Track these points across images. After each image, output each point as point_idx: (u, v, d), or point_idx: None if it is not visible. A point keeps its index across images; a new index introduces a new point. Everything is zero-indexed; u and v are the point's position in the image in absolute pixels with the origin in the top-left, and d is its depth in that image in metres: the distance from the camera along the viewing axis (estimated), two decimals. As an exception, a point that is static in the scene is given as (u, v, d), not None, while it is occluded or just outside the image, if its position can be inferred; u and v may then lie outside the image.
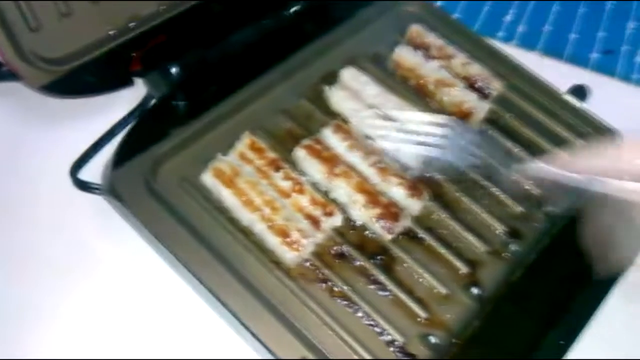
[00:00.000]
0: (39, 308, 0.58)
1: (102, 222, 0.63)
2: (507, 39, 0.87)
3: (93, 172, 0.64)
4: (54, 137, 0.69)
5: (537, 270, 0.59)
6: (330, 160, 0.60)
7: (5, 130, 0.70)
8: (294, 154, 0.61)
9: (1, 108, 0.71)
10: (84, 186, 0.64)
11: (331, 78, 0.68)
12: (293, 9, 0.73)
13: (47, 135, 0.69)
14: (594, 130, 0.69)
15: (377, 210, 0.58)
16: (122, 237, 0.61)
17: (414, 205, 0.59)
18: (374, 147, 0.61)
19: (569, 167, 0.49)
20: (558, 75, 0.76)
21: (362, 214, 0.58)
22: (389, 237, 0.58)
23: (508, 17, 0.91)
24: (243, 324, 0.52)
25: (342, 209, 0.59)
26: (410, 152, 0.60)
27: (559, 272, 0.59)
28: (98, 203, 0.63)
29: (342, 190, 0.59)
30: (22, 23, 0.56)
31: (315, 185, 0.60)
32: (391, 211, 0.58)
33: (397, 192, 0.59)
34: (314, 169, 0.60)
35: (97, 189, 0.63)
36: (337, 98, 0.64)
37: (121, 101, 0.70)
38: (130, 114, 0.69)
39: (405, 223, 0.59)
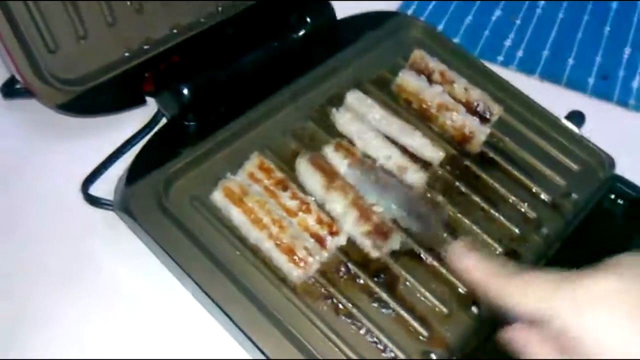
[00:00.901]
0: (49, 321, 0.59)
1: (111, 236, 0.65)
2: (506, 64, 0.90)
3: (100, 187, 0.66)
4: (63, 152, 0.71)
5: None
6: (330, 173, 0.62)
7: (16, 146, 0.72)
8: (296, 166, 0.63)
9: (13, 124, 0.73)
10: (94, 201, 0.66)
11: (336, 100, 0.71)
12: (300, 33, 0.75)
13: (56, 151, 0.71)
14: (588, 156, 0.71)
15: (367, 227, 0.59)
16: (130, 252, 0.63)
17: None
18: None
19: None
20: (556, 99, 0.79)
21: (354, 228, 0.60)
22: (377, 254, 0.59)
23: (507, 42, 0.93)
24: (249, 339, 0.53)
25: (337, 222, 0.60)
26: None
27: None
28: (107, 218, 0.65)
29: (337, 203, 0.61)
30: (41, 44, 0.59)
31: (312, 197, 0.62)
32: (381, 229, 0.59)
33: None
34: (314, 180, 0.62)
35: (107, 204, 0.65)
36: (343, 120, 0.66)
37: (129, 118, 0.72)
38: (140, 132, 0.71)
39: (395, 243, 0.60)
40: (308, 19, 0.74)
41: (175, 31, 0.68)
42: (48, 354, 0.57)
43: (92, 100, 0.65)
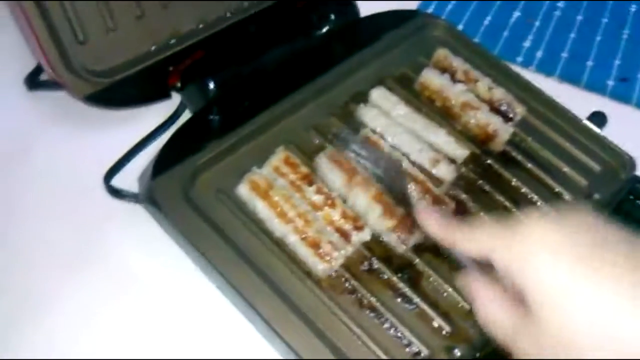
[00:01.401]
0: (68, 315, 0.59)
1: (132, 228, 0.65)
2: (526, 64, 0.90)
3: (120, 180, 0.66)
4: (84, 145, 0.71)
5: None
6: (350, 169, 0.62)
7: (38, 137, 0.72)
8: (316, 161, 0.63)
9: (36, 115, 0.74)
10: (117, 193, 0.66)
11: (359, 97, 0.71)
12: (323, 30, 0.75)
13: (78, 143, 0.72)
14: (610, 157, 0.71)
15: (392, 222, 0.59)
16: (151, 245, 0.63)
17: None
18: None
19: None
20: (576, 101, 0.79)
21: (379, 223, 0.60)
22: (403, 247, 0.60)
23: (526, 43, 0.93)
24: (275, 331, 0.53)
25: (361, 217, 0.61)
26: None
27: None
28: (129, 210, 0.65)
29: (360, 199, 0.61)
30: (71, 36, 0.59)
31: (334, 193, 0.62)
32: (406, 223, 0.60)
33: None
34: (334, 176, 0.62)
35: (130, 196, 0.65)
36: (370, 116, 0.66)
37: (149, 112, 0.73)
38: (162, 126, 0.72)
39: (419, 236, 0.60)
40: (332, 16, 0.75)
41: (201, 26, 0.69)
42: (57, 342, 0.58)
43: (118, 92, 0.65)
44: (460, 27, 0.93)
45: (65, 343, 0.58)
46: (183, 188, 0.60)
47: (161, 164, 0.62)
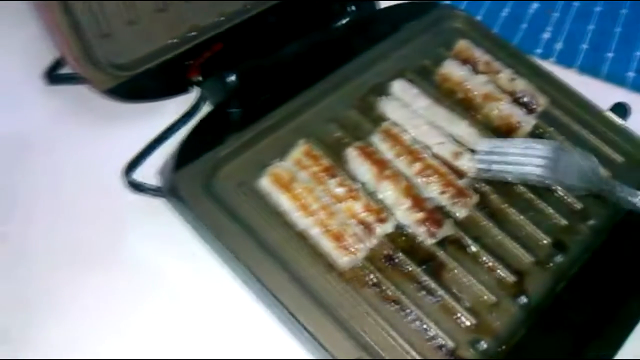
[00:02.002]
0: (90, 305, 0.59)
1: (152, 222, 0.65)
2: (545, 56, 0.89)
3: (138, 173, 0.66)
4: (103, 139, 0.71)
5: (581, 282, 0.61)
6: (380, 162, 0.62)
7: (57, 131, 0.72)
8: (345, 154, 0.63)
9: (55, 109, 0.74)
10: (137, 187, 0.66)
11: (379, 89, 0.71)
12: (342, 22, 0.75)
13: (96, 137, 0.72)
14: (634, 148, 0.70)
15: (421, 215, 0.59)
16: (172, 238, 0.63)
17: (459, 211, 0.61)
18: (422, 154, 0.63)
19: None
20: (596, 93, 0.78)
21: (407, 216, 0.60)
22: (432, 241, 0.60)
23: (546, 35, 0.93)
24: (299, 323, 0.53)
25: (389, 210, 0.61)
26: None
27: (602, 284, 0.61)
28: (149, 204, 0.65)
29: (389, 192, 0.61)
30: (95, 29, 0.59)
31: (364, 186, 0.62)
32: (435, 217, 0.60)
33: (442, 198, 0.61)
34: (364, 169, 0.62)
35: (150, 190, 0.66)
36: (391, 108, 0.66)
37: (166, 106, 0.72)
38: (181, 120, 0.71)
39: (448, 229, 0.60)
40: (351, 8, 0.74)
41: (221, 19, 0.68)
42: (77, 339, 0.58)
43: (139, 86, 0.65)
44: (478, 18, 0.93)
45: (88, 342, 0.57)
46: (205, 181, 0.60)
47: (183, 157, 0.62)
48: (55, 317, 0.58)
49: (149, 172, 0.67)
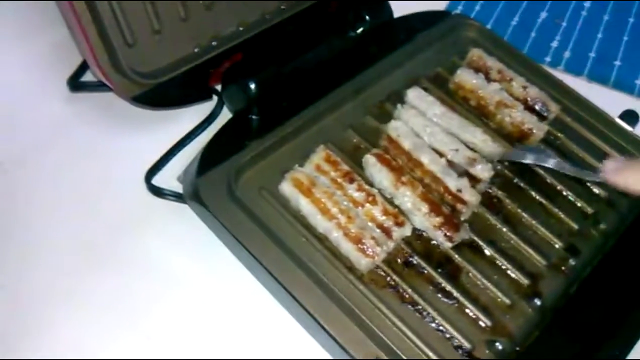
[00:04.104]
0: (111, 307, 0.61)
1: (172, 226, 0.67)
2: (554, 65, 0.91)
3: (157, 179, 0.68)
4: (124, 145, 0.73)
5: (593, 284, 0.62)
6: (398, 169, 0.64)
7: (79, 138, 0.74)
8: (364, 161, 0.65)
9: (77, 116, 0.75)
10: (158, 192, 0.68)
11: (395, 97, 0.72)
12: (358, 31, 0.77)
13: (118, 143, 0.73)
14: (644, 154, 0.72)
15: (439, 219, 0.61)
16: (193, 242, 0.65)
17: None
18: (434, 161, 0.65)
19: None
20: (605, 100, 0.79)
21: (425, 221, 0.62)
22: (449, 245, 0.61)
23: (554, 44, 0.94)
24: (319, 324, 0.55)
25: (406, 215, 0.62)
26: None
27: (614, 287, 0.62)
28: (170, 208, 0.67)
29: (407, 198, 0.62)
30: (121, 39, 0.61)
31: (381, 192, 0.63)
32: (452, 221, 0.61)
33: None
34: (382, 176, 0.64)
35: (171, 195, 0.67)
36: (408, 115, 0.68)
37: (184, 113, 0.74)
38: (199, 126, 0.73)
39: (465, 234, 0.62)
40: (367, 17, 0.76)
41: (241, 28, 0.70)
42: (108, 339, 0.59)
43: (163, 93, 0.67)
44: (488, 27, 0.95)
45: (102, 341, 0.59)
46: (227, 186, 0.62)
47: (205, 162, 0.64)
48: (73, 316, 0.60)
49: (169, 177, 0.69)
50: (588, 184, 0.69)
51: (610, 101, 0.81)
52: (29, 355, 0.57)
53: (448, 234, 0.60)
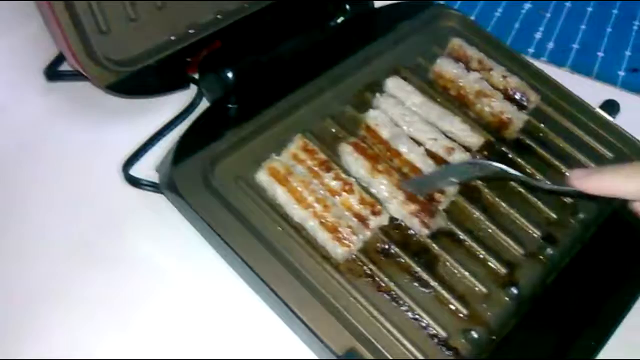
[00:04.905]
0: (87, 300, 0.60)
1: (149, 217, 0.66)
2: (537, 56, 0.91)
3: (136, 169, 0.68)
4: (101, 135, 0.72)
5: (571, 273, 0.62)
6: (374, 157, 0.63)
7: (56, 128, 0.73)
8: (340, 149, 0.65)
9: (54, 106, 0.74)
10: (135, 182, 0.67)
11: (374, 87, 0.72)
12: (338, 20, 0.76)
13: (95, 133, 0.73)
14: (624, 145, 0.72)
15: (414, 207, 0.61)
16: (170, 233, 0.64)
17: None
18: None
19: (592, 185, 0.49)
20: (588, 91, 0.79)
21: (401, 209, 0.61)
22: (426, 232, 0.61)
23: (538, 35, 0.94)
24: (295, 314, 0.55)
25: (382, 203, 0.62)
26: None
27: (591, 275, 0.62)
28: (147, 199, 0.66)
29: (384, 186, 0.62)
30: (94, 26, 0.61)
31: (358, 181, 0.63)
32: (428, 208, 0.61)
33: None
34: (358, 164, 0.63)
35: (148, 185, 0.67)
36: (386, 105, 0.67)
37: (164, 102, 0.74)
38: (179, 116, 0.73)
39: (441, 221, 0.62)
40: (347, 6, 0.76)
41: (219, 16, 0.70)
42: (84, 334, 0.58)
43: (139, 82, 0.67)
44: (471, 18, 0.94)
45: (88, 340, 0.58)
46: (203, 175, 0.61)
47: (181, 152, 0.63)
48: (55, 314, 0.59)
49: (148, 168, 0.68)
50: (567, 174, 0.68)
51: (593, 92, 0.81)
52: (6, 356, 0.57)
53: (424, 220, 0.60)
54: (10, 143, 0.70)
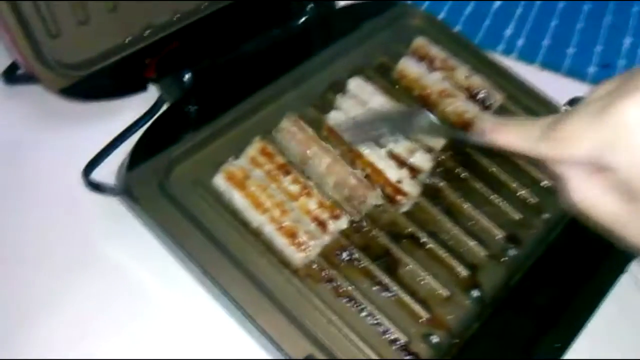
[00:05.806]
0: (48, 305, 0.59)
1: (112, 222, 0.65)
2: (507, 52, 0.90)
3: (101, 173, 0.65)
4: (64, 139, 0.71)
5: (535, 274, 0.61)
6: (307, 140, 0.63)
7: (16, 132, 0.71)
8: (273, 135, 0.64)
9: (14, 110, 0.73)
10: (96, 187, 0.66)
11: (338, 87, 0.71)
12: (301, 20, 0.75)
13: (57, 137, 0.71)
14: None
15: (345, 192, 0.60)
16: (132, 238, 0.63)
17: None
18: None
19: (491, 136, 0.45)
20: (557, 87, 0.79)
21: (333, 193, 0.61)
22: (358, 217, 0.61)
23: (508, 31, 0.93)
24: (252, 320, 0.53)
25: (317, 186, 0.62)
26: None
27: (556, 276, 0.61)
28: (109, 204, 0.64)
29: (317, 169, 0.62)
30: (43, 29, 0.59)
31: (291, 163, 0.63)
32: (357, 192, 0.60)
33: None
34: (292, 146, 0.63)
35: (110, 190, 0.65)
36: (347, 105, 0.66)
37: (129, 106, 0.72)
38: (142, 118, 0.71)
39: (373, 200, 0.61)
40: (310, 6, 0.74)
41: (176, 17, 0.68)
42: (50, 342, 0.57)
43: (94, 85, 0.65)
44: (441, 15, 0.94)
45: (59, 346, 0.57)
46: (159, 180, 0.60)
47: (137, 156, 0.61)
48: (24, 322, 0.58)
49: (111, 172, 0.66)
50: (534, 174, 0.68)
51: (562, 88, 0.80)
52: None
53: (354, 204, 0.60)
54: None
